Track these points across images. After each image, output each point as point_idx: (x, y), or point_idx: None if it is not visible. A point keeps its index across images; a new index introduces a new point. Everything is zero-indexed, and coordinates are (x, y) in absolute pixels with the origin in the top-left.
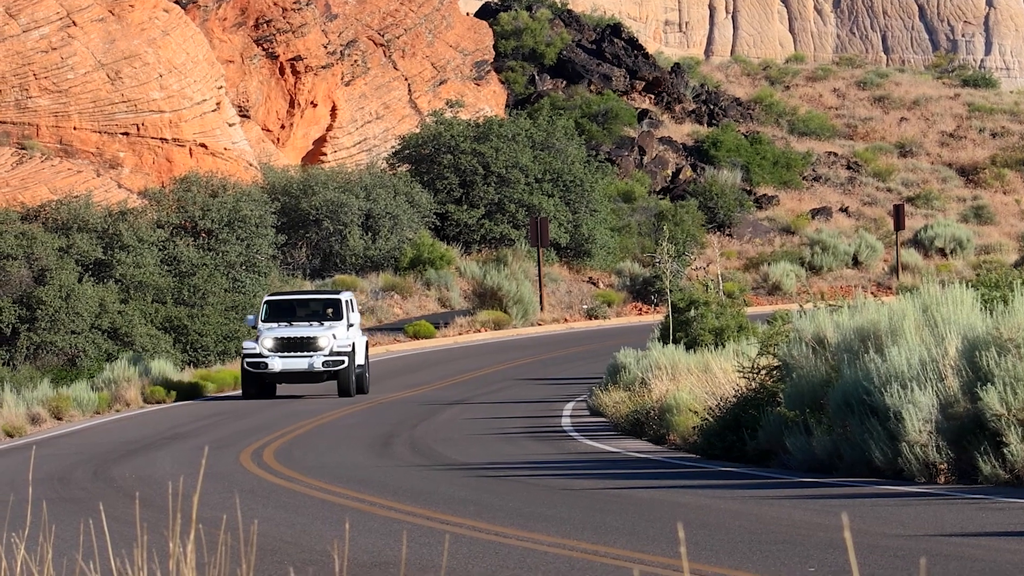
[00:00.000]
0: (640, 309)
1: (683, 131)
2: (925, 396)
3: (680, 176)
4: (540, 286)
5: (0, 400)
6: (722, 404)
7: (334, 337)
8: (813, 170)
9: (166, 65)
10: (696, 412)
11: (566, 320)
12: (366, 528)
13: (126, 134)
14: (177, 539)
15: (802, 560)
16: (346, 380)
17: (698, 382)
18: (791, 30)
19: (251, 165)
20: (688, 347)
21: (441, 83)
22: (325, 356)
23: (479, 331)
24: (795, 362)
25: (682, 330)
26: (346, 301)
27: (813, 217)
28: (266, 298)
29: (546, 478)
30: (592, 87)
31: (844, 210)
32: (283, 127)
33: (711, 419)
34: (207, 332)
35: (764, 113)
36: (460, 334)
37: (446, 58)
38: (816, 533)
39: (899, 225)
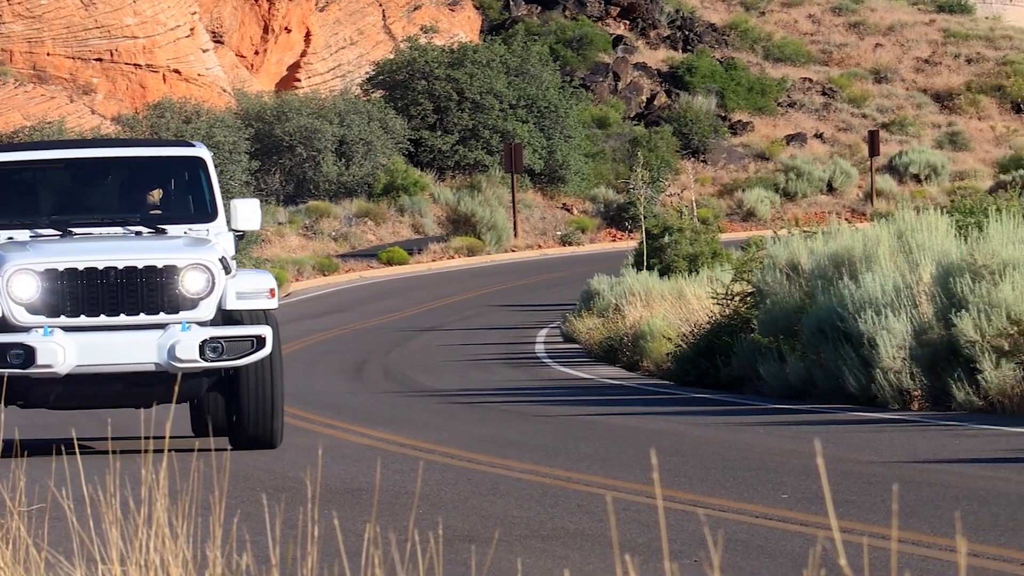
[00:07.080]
0: (614, 235)
1: (658, 57)
2: (899, 323)
3: (655, 102)
4: (514, 212)
5: None
6: (696, 331)
7: (224, 269)
8: (788, 96)
9: None
10: (670, 339)
11: (540, 246)
12: (339, 455)
13: (99, 60)
14: (150, 466)
15: (775, 487)
16: (263, 402)
17: (672, 308)
18: None
19: (225, 91)
20: (662, 274)
21: (415, 9)
22: (202, 325)
23: (453, 257)
24: (769, 289)
25: (656, 256)
26: (210, 161)
27: (788, 143)
28: None
29: (519, 404)
30: (567, 13)
31: (819, 136)
32: (257, 53)
33: (684, 346)
34: None
35: (739, 39)
36: (434, 260)
37: None
38: (789, 460)
39: (874, 151)
